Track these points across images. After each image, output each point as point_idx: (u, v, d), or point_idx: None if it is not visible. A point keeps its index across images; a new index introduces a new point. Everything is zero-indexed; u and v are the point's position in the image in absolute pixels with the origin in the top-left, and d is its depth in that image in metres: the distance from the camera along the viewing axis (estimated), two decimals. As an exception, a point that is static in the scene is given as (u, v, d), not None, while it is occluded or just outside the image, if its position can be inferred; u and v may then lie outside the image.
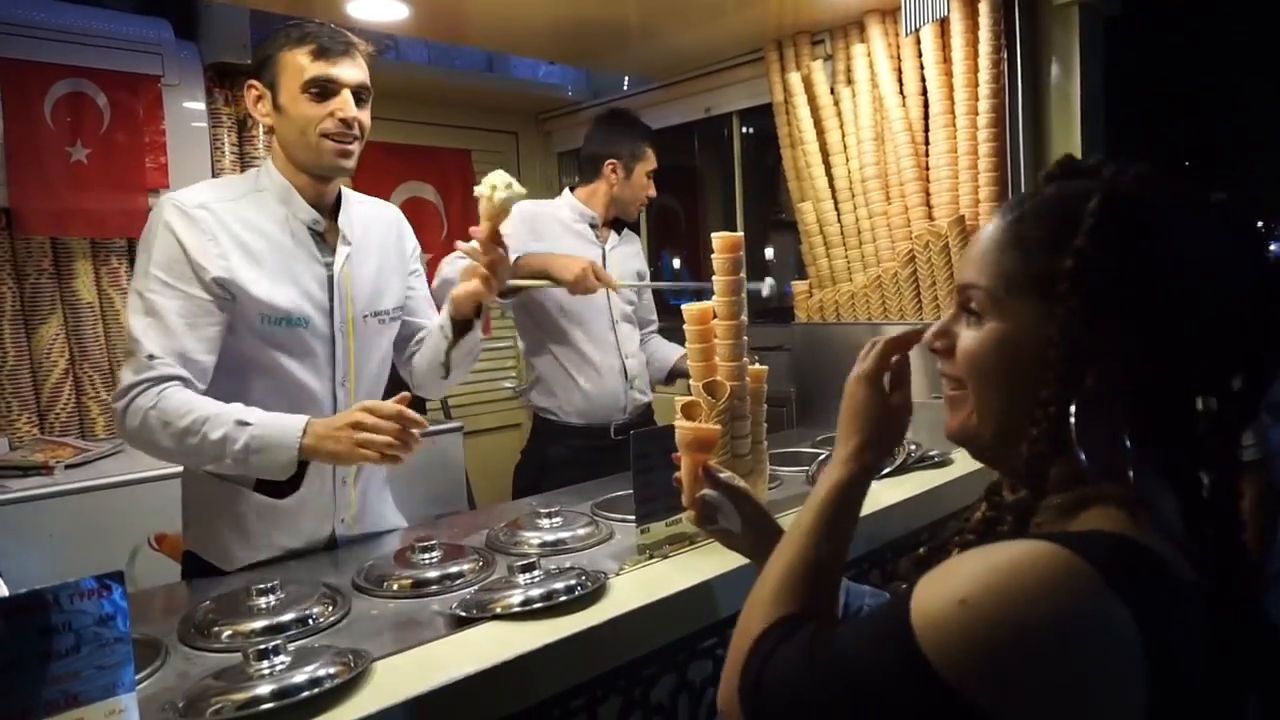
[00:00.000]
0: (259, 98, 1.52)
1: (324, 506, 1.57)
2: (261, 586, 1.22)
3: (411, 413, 1.37)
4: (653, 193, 2.54)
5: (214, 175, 2.85)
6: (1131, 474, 0.69)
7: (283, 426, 1.37)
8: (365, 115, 1.52)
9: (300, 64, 1.46)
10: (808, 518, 0.85)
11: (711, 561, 1.35)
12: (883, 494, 1.71)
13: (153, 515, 2.23)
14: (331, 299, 1.54)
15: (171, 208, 1.45)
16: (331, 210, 1.59)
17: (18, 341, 2.61)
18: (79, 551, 2.17)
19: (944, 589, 0.62)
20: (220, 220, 1.46)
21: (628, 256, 2.58)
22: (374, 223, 1.67)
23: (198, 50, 2.80)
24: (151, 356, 1.37)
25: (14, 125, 2.46)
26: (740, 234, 1.51)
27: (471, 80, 3.78)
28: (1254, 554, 1.77)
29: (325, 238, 1.56)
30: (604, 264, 2.39)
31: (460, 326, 1.64)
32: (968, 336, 0.74)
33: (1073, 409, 0.68)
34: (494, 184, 1.53)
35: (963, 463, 1.91)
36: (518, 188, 1.53)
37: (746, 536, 1.06)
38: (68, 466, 2.36)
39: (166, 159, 2.73)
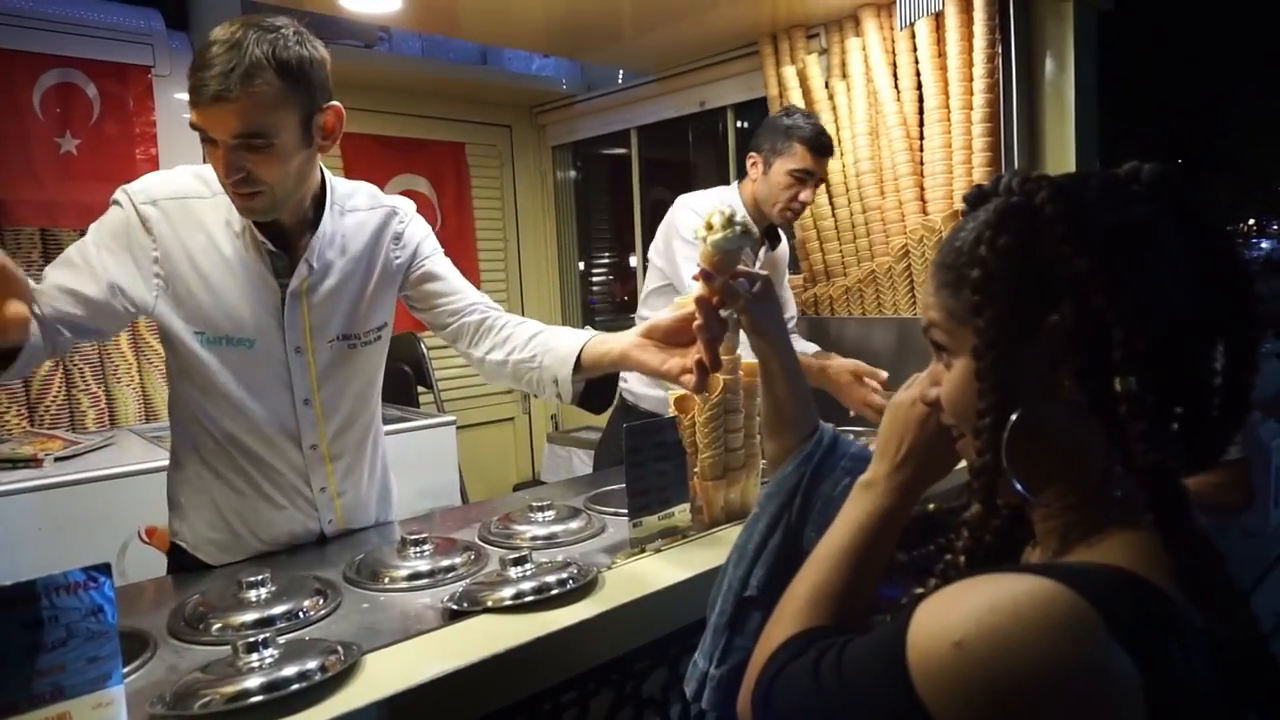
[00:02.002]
0: None
1: (304, 511, 1.53)
2: (251, 579, 1.21)
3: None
4: (805, 196, 2.29)
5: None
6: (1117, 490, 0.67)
7: None
8: (262, 163, 1.27)
9: (190, 107, 1.27)
10: (844, 538, 0.83)
11: (703, 556, 1.35)
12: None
13: (143, 508, 2.22)
14: (283, 321, 1.41)
15: (122, 200, 1.36)
16: (309, 223, 1.43)
17: (7, 334, 2.59)
18: (68, 545, 2.16)
19: (940, 626, 0.60)
20: (169, 221, 1.36)
21: (775, 266, 2.45)
22: (364, 231, 1.51)
23: (189, 40, 2.78)
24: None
25: (2, 116, 2.45)
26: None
27: (465, 73, 3.77)
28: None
29: (289, 256, 1.41)
30: None
31: (592, 389, 1.43)
32: (945, 383, 0.75)
33: (1010, 420, 0.67)
34: (710, 222, 1.17)
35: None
36: (743, 222, 1.18)
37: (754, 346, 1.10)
38: (57, 459, 2.34)
39: (157, 150, 2.72)
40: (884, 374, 2.20)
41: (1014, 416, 0.67)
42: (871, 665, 0.65)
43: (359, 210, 1.52)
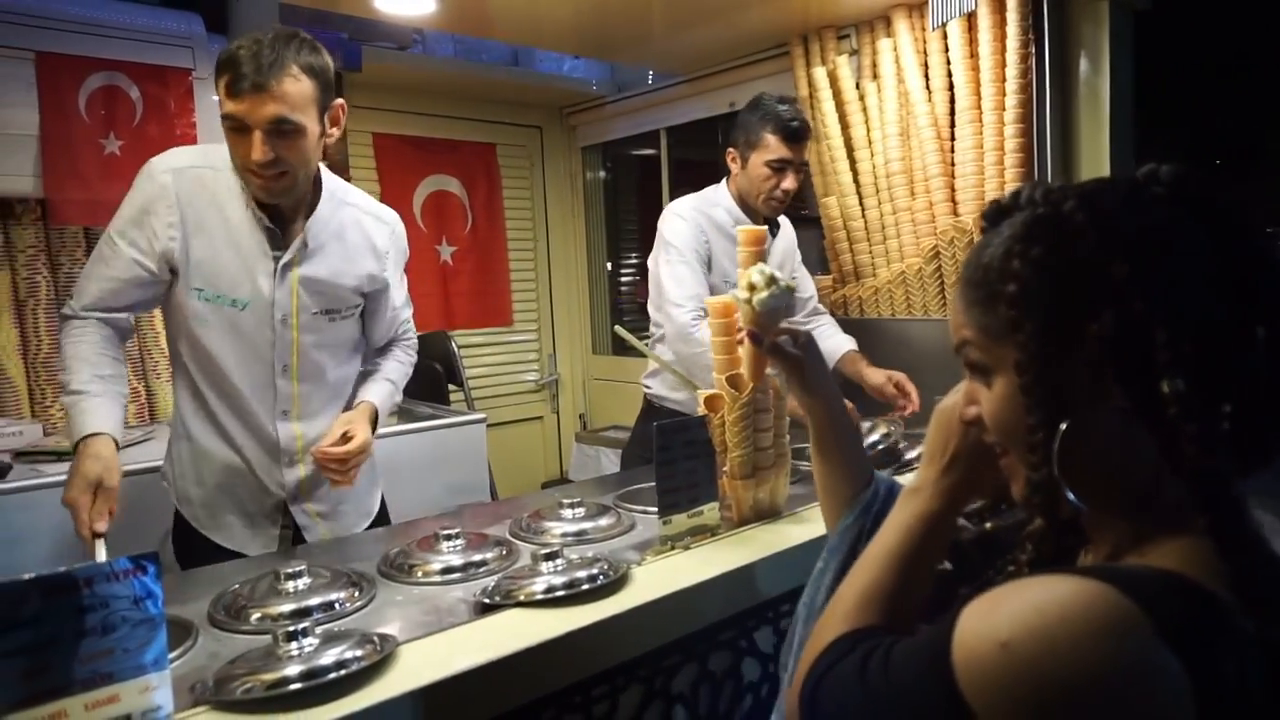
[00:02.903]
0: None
1: (270, 475, 1.65)
2: (289, 571, 1.24)
3: (91, 541, 1.44)
4: (787, 185, 2.24)
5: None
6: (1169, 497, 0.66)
7: (77, 424, 1.49)
8: (290, 148, 1.44)
9: (220, 95, 1.43)
10: (892, 541, 0.84)
11: (733, 554, 1.35)
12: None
13: (182, 501, 2.27)
14: (274, 292, 1.56)
15: (146, 170, 1.53)
16: (306, 207, 1.59)
17: (52, 329, 2.66)
18: (112, 535, 2.21)
19: (986, 627, 0.60)
20: (187, 187, 1.51)
21: (780, 253, 2.43)
22: (352, 228, 1.66)
23: (228, 44, 2.83)
24: (77, 305, 1.55)
25: (50, 117, 2.51)
26: (765, 228, 1.51)
27: (497, 74, 3.80)
28: None
29: (285, 232, 1.57)
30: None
31: None
32: (986, 401, 0.74)
33: (1060, 430, 0.66)
34: (752, 282, 1.18)
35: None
36: (784, 281, 1.20)
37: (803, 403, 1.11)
38: (99, 453, 2.40)
39: (197, 151, 2.77)
40: (912, 389, 2.21)
41: (1063, 427, 0.66)
42: (917, 665, 0.66)
43: (356, 207, 1.69)
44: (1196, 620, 0.58)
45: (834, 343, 2.41)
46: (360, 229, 1.68)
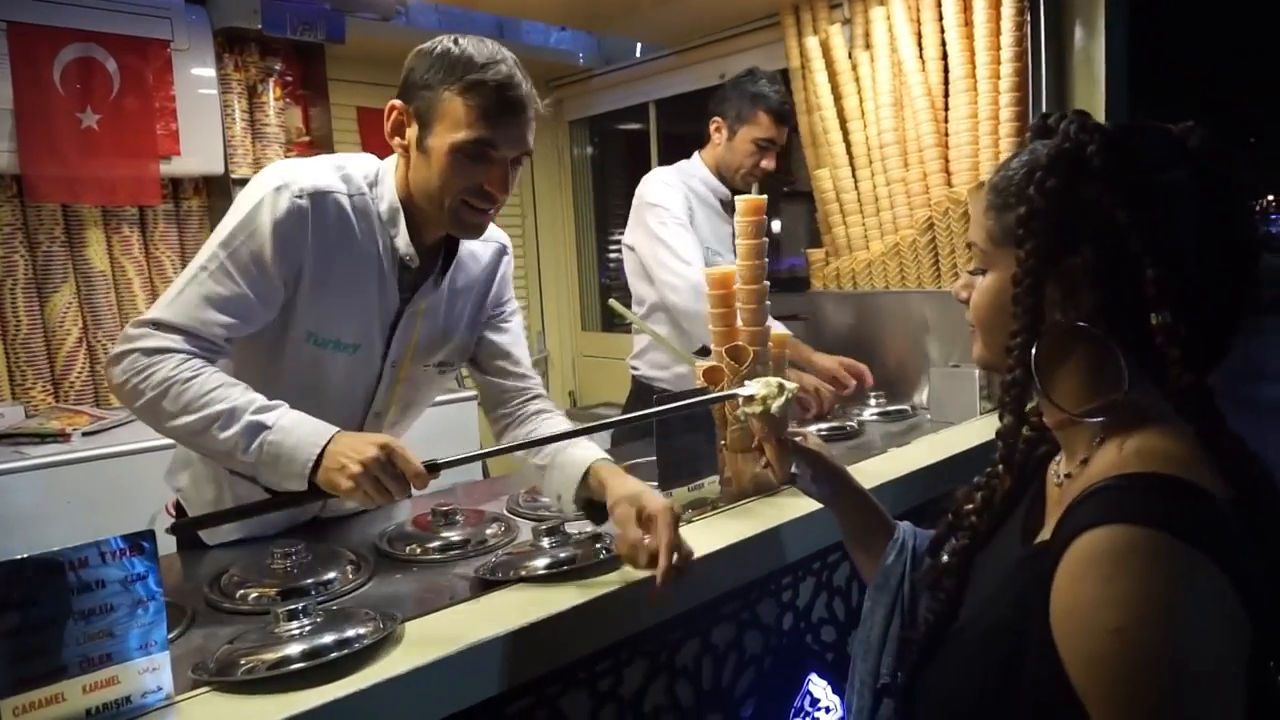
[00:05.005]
0: (400, 124, 1.29)
1: (312, 505, 1.47)
2: (286, 550, 1.22)
3: (426, 476, 1.16)
4: (767, 164, 2.32)
5: (225, 143, 2.83)
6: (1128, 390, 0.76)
7: (300, 442, 1.16)
8: (514, 180, 1.30)
9: (458, 116, 1.22)
10: None
11: (734, 527, 1.34)
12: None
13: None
14: (391, 337, 1.38)
15: (276, 189, 1.24)
16: (437, 244, 1.39)
17: (31, 310, 2.61)
18: (98, 518, 2.19)
19: (1092, 615, 0.66)
20: (320, 218, 1.26)
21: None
22: (476, 262, 1.47)
23: (207, 15, 2.77)
24: (158, 326, 1.20)
25: (24, 90, 2.44)
26: (764, 197, 1.49)
27: (482, 47, 3.73)
28: None
29: (416, 271, 1.37)
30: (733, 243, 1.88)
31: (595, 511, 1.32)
32: (976, 291, 0.86)
33: (1037, 344, 0.78)
34: (765, 394, 1.19)
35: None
36: (790, 385, 1.22)
37: (823, 488, 1.19)
38: (84, 434, 2.36)
39: (177, 125, 2.71)
40: (865, 369, 2.16)
41: (1038, 341, 0.78)
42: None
43: (473, 241, 1.45)
44: (1217, 527, 0.67)
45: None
46: (481, 265, 1.48)
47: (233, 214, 1.26)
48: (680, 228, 2.22)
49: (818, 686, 1.45)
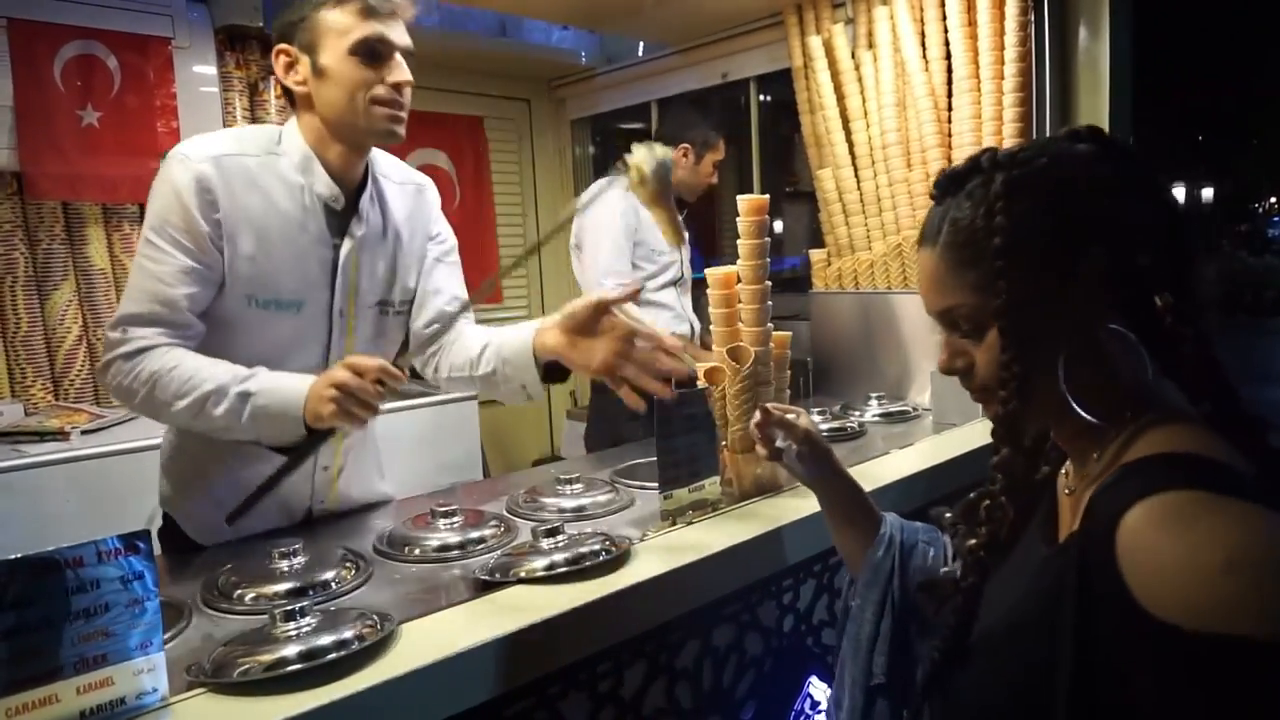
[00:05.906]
0: (291, 64, 1.36)
1: (300, 491, 1.50)
2: (283, 549, 1.21)
3: (393, 369, 1.24)
4: (714, 180, 2.79)
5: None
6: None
7: (284, 397, 1.26)
8: (408, 77, 1.38)
9: (345, 23, 1.31)
10: None
11: (735, 528, 1.33)
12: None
13: (169, 481, 2.23)
14: (334, 285, 1.41)
15: (177, 162, 1.31)
16: (356, 186, 1.44)
17: (31, 307, 2.60)
18: (96, 517, 2.18)
19: (1186, 562, 0.63)
20: (226, 180, 1.31)
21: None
22: (398, 202, 1.52)
23: (208, 13, 2.76)
24: (128, 323, 1.29)
25: (24, 88, 2.44)
26: (766, 197, 1.48)
27: (483, 45, 3.72)
28: None
29: (340, 215, 1.42)
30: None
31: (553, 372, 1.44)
32: (983, 349, 0.80)
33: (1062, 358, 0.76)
34: (637, 163, 1.36)
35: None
36: (657, 148, 1.37)
37: (810, 468, 1.18)
38: (84, 432, 2.36)
39: (178, 123, 2.70)
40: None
41: (1061, 358, 0.76)
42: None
43: (390, 178, 1.52)
44: (1242, 490, 0.66)
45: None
46: (408, 203, 1.54)
47: (150, 202, 1.33)
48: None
49: (818, 689, 1.45)
